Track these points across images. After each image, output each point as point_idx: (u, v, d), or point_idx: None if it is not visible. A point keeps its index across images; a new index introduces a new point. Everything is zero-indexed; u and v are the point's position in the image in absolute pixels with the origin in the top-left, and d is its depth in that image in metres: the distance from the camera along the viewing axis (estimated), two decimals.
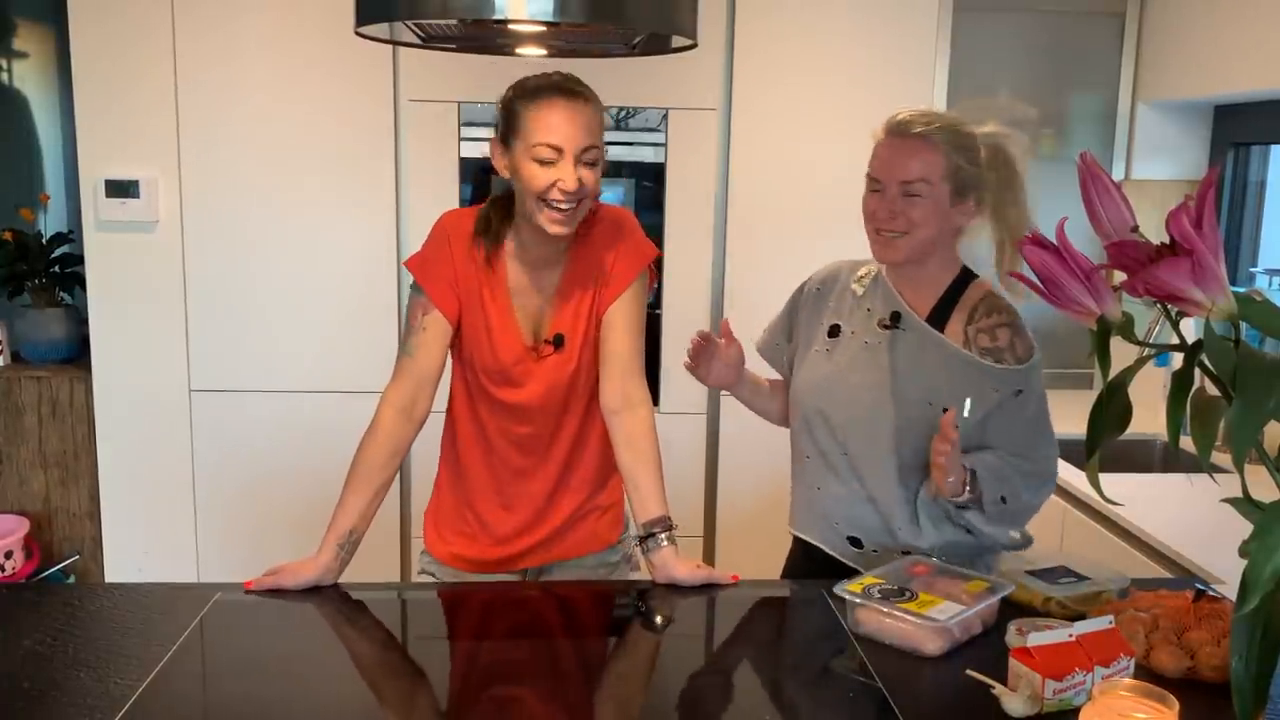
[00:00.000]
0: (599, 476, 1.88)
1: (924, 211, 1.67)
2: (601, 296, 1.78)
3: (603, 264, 1.77)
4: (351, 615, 1.67)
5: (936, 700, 1.38)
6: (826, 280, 1.89)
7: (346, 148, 2.93)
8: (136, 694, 1.34)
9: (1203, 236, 0.88)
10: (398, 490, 3.04)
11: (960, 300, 1.74)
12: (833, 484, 1.81)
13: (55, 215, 3.40)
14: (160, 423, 3.00)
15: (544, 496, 1.84)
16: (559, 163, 1.61)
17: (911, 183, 1.66)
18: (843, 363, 1.79)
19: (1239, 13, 2.73)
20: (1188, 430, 0.94)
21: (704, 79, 2.96)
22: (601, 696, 1.44)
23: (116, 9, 2.82)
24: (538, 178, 1.62)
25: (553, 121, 1.61)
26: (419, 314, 1.75)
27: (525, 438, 1.81)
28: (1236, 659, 0.93)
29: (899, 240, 1.69)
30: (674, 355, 3.07)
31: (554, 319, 1.77)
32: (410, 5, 1.48)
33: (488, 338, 1.76)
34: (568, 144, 1.61)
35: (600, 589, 1.84)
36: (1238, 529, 0.91)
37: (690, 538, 3.13)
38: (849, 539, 1.81)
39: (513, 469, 1.83)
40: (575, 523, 1.87)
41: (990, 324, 1.71)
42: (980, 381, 1.69)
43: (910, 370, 1.73)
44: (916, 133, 1.67)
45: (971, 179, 1.68)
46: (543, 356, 1.76)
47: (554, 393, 1.78)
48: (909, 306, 1.75)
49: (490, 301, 1.76)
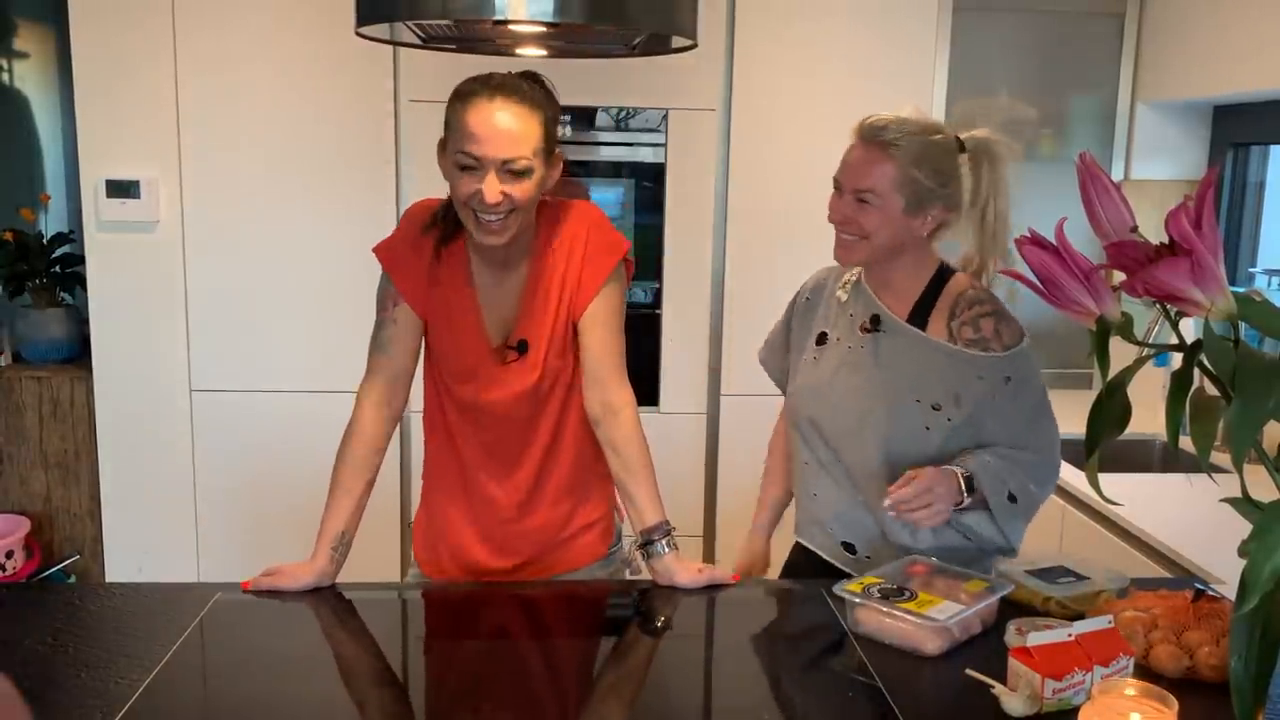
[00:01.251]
0: (579, 490, 1.79)
1: (874, 220, 1.67)
2: (575, 303, 1.69)
3: (570, 268, 1.69)
4: (351, 615, 1.67)
5: (936, 700, 1.38)
6: (815, 289, 1.89)
7: (346, 148, 2.93)
8: (136, 694, 1.34)
9: (1202, 236, 0.88)
10: (398, 490, 3.05)
11: (940, 297, 1.74)
12: (827, 490, 1.81)
13: (55, 215, 3.40)
14: (160, 423, 3.00)
15: (514, 507, 1.76)
16: (479, 172, 1.53)
17: (863, 191, 1.66)
18: (829, 369, 1.79)
19: (1239, 13, 2.74)
20: (1187, 430, 0.94)
21: (704, 79, 2.96)
22: (602, 696, 1.44)
23: (116, 9, 2.82)
24: (460, 185, 1.55)
25: (475, 128, 1.52)
26: (389, 304, 1.72)
27: (492, 444, 1.74)
28: (1236, 658, 0.93)
29: (856, 244, 1.70)
30: (674, 355, 3.07)
31: (519, 324, 1.70)
32: (410, 5, 1.49)
33: (450, 334, 1.71)
34: (487, 153, 1.52)
35: (600, 589, 1.84)
36: (1237, 529, 0.91)
37: (690, 538, 3.13)
38: (843, 544, 1.81)
39: (483, 474, 1.75)
40: (560, 544, 1.80)
41: (972, 315, 1.71)
42: (965, 372, 1.69)
43: (894, 370, 1.73)
44: (879, 140, 1.66)
45: (927, 194, 1.66)
46: (507, 361, 1.69)
47: (520, 400, 1.70)
48: (888, 309, 1.75)
49: (454, 297, 1.69)
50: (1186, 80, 2.99)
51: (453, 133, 1.56)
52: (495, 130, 1.51)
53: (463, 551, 1.79)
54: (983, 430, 1.71)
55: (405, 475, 3.06)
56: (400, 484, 3.06)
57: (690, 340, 3.07)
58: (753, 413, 3.03)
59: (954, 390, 1.69)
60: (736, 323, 3.05)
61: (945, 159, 1.68)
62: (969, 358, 1.69)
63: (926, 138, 1.67)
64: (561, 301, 1.70)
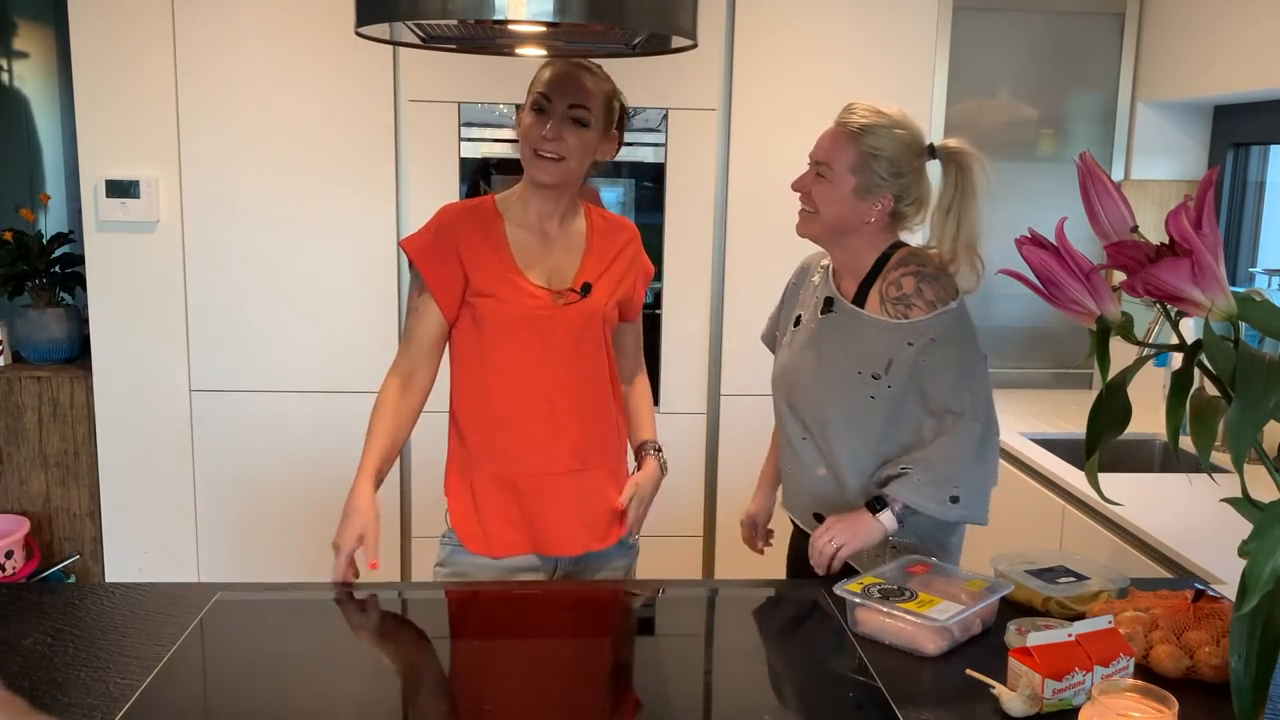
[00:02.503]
0: (612, 456, 1.92)
1: (823, 193, 1.79)
2: (625, 301, 1.92)
3: (622, 261, 1.91)
4: (351, 615, 1.67)
5: (936, 700, 1.38)
6: (800, 274, 2.01)
7: (346, 148, 2.93)
8: (136, 694, 1.34)
9: (1202, 236, 0.88)
10: (397, 490, 3.05)
11: (881, 271, 1.82)
12: (799, 465, 1.91)
13: (55, 215, 3.40)
14: (160, 423, 3.01)
15: (566, 459, 1.85)
16: (546, 113, 1.76)
17: (820, 164, 1.80)
18: (797, 350, 1.90)
19: (1239, 13, 2.74)
20: (1187, 430, 0.94)
21: (704, 79, 2.97)
22: (601, 696, 1.44)
23: (116, 9, 2.83)
24: (531, 126, 1.77)
25: (552, 76, 1.78)
26: (414, 295, 1.85)
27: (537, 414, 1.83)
28: (1236, 659, 0.93)
29: (810, 216, 1.82)
30: (674, 355, 3.08)
31: (578, 276, 1.85)
32: (410, 5, 1.48)
33: (502, 285, 1.81)
34: (556, 93, 1.76)
35: (599, 589, 1.84)
36: (1237, 529, 0.91)
37: (690, 538, 3.13)
38: (815, 515, 1.89)
39: (538, 435, 1.83)
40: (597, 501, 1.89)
41: (896, 275, 1.79)
42: (895, 340, 1.77)
43: (839, 347, 1.83)
44: (848, 124, 1.79)
45: (878, 182, 1.77)
46: (569, 303, 1.83)
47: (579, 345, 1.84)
48: (839, 290, 1.86)
49: (498, 260, 1.82)
50: (1186, 80, 2.99)
51: (533, 87, 1.81)
52: (567, 79, 1.78)
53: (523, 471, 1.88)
54: (924, 394, 1.77)
55: (405, 475, 3.06)
56: (400, 484, 3.06)
57: (690, 340, 3.07)
58: (753, 413, 3.04)
59: (888, 358, 1.77)
60: (736, 323, 3.05)
61: (904, 154, 1.78)
62: (896, 326, 1.77)
63: (892, 131, 1.77)
64: (620, 282, 1.90)
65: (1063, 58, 3.26)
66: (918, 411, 1.78)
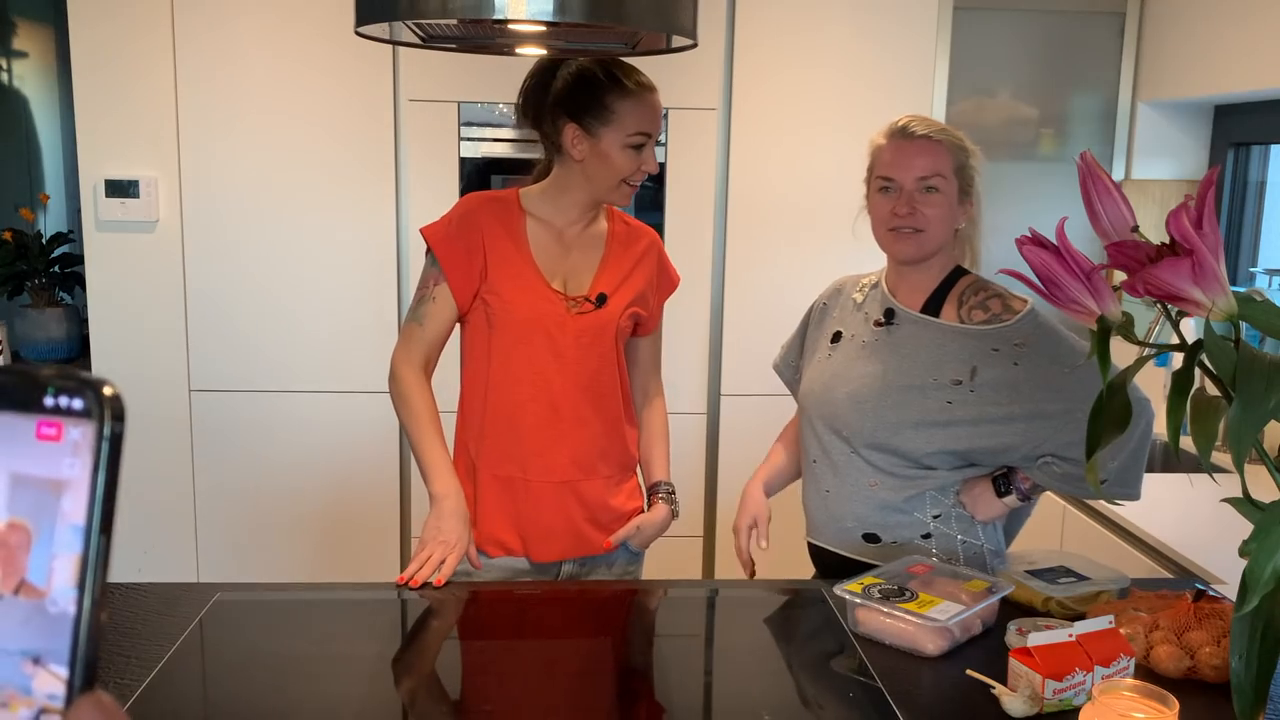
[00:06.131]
0: (617, 470, 1.91)
1: (939, 208, 1.73)
2: (655, 300, 1.94)
3: (643, 271, 1.91)
4: (351, 615, 1.67)
5: (936, 700, 1.38)
6: (832, 295, 1.96)
7: (346, 148, 2.93)
8: (136, 694, 1.34)
9: (1203, 236, 0.88)
10: (397, 489, 3.04)
11: (951, 291, 1.80)
12: (843, 484, 1.81)
13: (55, 215, 3.40)
14: (160, 423, 3.00)
15: (565, 468, 1.84)
16: (646, 147, 1.80)
17: (928, 178, 1.73)
18: (843, 363, 1.83)
19: (1239, 13, 2.73)
20: (1188, 430, 0.94)
21: (704, 79, 2.96)
22: (601, 696, 1.44)
23: (116, 9, 2.82)
24: (629, 160, 1.79)
25: (647, 114, 1.79)
26: (430, 283, 1.84)
27: (545, 412, 1.83)
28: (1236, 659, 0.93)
29: (917, 236, 1.74)
30: (674, 355, 3.07)
31: (594, 284, 1.86)
32: (410, 5, 1.48)
33: (517, 285, 1.81)
34: (654, 131, 1.81)
35: (599, 590, 1.84)
36: (1238, 529, 0.91)
37: (690, 538, 3.13)
38: (864, 536, 1.81)
39: (538, 441, 1.83)
40: (606, 509, 1.89)
41: (980, 299, 1.77)
42: (979, 347, 1.73)
43: (908, 355, 1.77)
44: (922, 134, 1.74)
45: (969, 181, 1.76)
46: (582, 312, 1.83)
47: (588, 354, 1.83)
48: (902, 304, 1.82)
49: (518, 258, 1.82)
50: (1187, 80, 2.99)
51: (620, 119, 1.78)
52: (659, 112, 1.83)
53: None
54: (1018, 393, 1.70)
55: (405, 475, 3.06)
56: (400, 484, 3.06)
57: (690, 340, 3.07)
58: (753, 413, 3.04)
59: (970, 365, 1.73)
60: (736, 323, 3.05)
61: (970, 149, 1.78)
62: (980, 333, 1.73)
63: (952, 130, 1.77)
64: (647, 289, 1.91)
65: (1063, 58, 3.26)
66: (998, 415, 1.71)
